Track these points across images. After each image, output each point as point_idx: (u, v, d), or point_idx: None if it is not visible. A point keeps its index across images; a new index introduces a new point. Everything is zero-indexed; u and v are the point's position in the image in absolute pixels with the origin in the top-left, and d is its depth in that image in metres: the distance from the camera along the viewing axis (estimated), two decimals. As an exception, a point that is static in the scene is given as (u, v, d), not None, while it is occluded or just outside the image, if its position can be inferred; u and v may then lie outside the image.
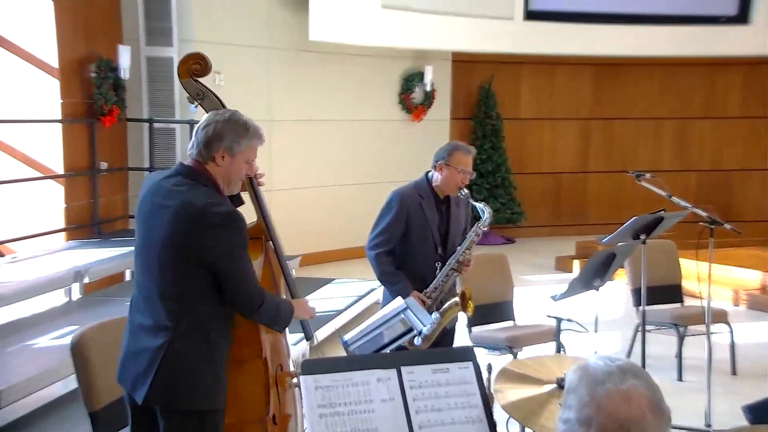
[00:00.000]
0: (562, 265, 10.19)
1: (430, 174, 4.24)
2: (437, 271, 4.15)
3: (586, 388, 1.63)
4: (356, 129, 10.70)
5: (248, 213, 2.99)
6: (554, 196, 12.83)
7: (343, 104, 10.54)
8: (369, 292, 7.67)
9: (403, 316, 2.82)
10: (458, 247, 4.16)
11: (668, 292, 6.26)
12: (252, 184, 3.17)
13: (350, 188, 10.63)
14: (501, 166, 11.99)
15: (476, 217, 4.21)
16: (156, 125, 8.59)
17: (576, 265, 9.85)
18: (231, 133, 2.86)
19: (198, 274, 2.76)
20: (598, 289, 4.71)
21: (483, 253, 6.03)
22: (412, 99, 11.21)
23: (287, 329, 3.23)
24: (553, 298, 4.60)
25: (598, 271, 4.66)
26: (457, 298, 3.87)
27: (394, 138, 11.10)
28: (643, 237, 5.05)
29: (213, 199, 2.79)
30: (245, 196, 3.15)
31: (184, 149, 8.43)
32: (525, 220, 12.17)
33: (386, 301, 4.18)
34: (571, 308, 5.47)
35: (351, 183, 10.65)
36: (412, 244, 4.17)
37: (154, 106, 8.73)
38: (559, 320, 4.14)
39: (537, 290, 8.62)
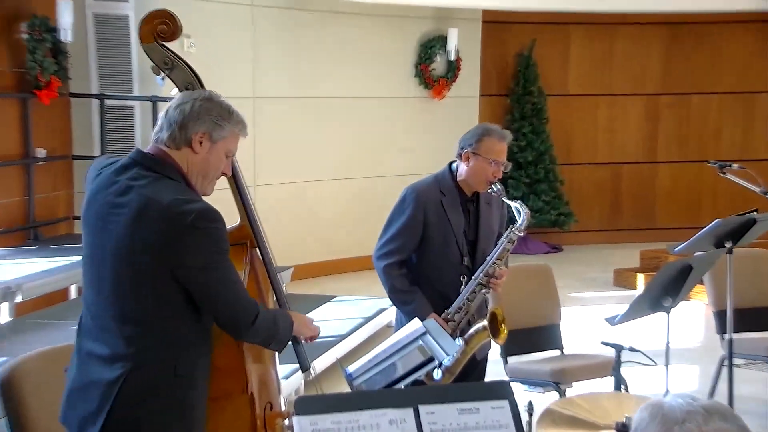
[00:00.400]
0: (623, 279, 10.19)
1: (454, 165, 4.26)
2: (463, 286, 4.17)
3: (659, 427, 1.63)
4: (362, 109, 10.72)
5: (229, 213, 3.01)
6: (612, 193, 12.82)
7: (346, 77, 10.56)
8: (378, 313, 7.70)
9: (421, 342, 2.85)
10: (488, 257, 4.18)
11: (763, 315, 6.23)
12: (235, 179, 3.20)
13: (354, 183, 10.66)
14: (544, 155, 11.99)
15: (511, 219, 4.23)
16: (108, 102, 8.63)
17: (640, 280, 9.85)
18: (212, 114, 2.90)
19: (166, 289, 2.79)
20: (669, 311, 4.71)
21: (522, 265, 6.04)
22: (432, 71, 11.23)
23: (277, 358, 3.25)
24: (611, 321, 4.60)
25: (670, 288, 4.66)
26: (485, 322, 3.89)
27: (409, 120, 11.12)
28: (728, 245, 5.05)
29: (182, 195, 2.82)
30: (226, 192, 3.17)
31: (146, 133, 8.48)
32: (575, 223, 12.17)
33: (400, 324, 4.21)
34: (634, 334, 5.47)
35: (355, 176, 10.68)
36: (432, 252, 4.20)
37: (106, 78, 8.77)
38: (618, 349, 4.15)
39: (590, 311, 8.62)
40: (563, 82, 12.53)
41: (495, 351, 4.76)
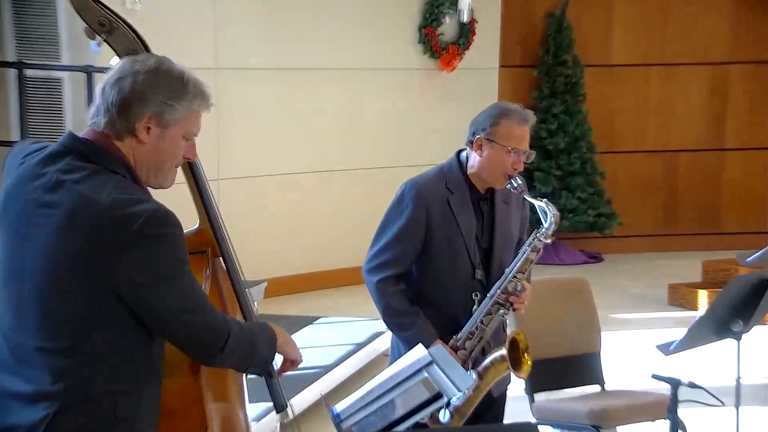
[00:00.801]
0: (680, 297, 10.21)
1: (463, 155, 4.27)
2: (475, 306, 4.18)
3: None
4: (352, 83, 10.73)
5: (185, 214, 3.01)
6: (667, 189, 12.84)
7: (332, 44, 10.56)
8: (372, 338, 7.74)
9: (426, 374, 2.85)
10: (506, 269, 4.19)
11: None
12: (193, 170, 3.20)
13: (343, 176, 10.67)
14: (580, 142, 12.02)
15: (536, 222, 4.24)
16: (30, 73, 8.58)
17: (702, 297, 9.87)
18: (161, 90, 2.85)
19: (106, 312, 2.77)
20: (739, 338, 4.71)
21: (552, 278, 6.06)
22: (441, 36, 11.24)
23: (247, 395, 3.25)
24: (665, 349, 4.60)
25: (740, 309, 4.66)
26: (503, 350, 3.90)
27: (411, 97, 11.13)
28: (815, 255, 5.07)
29: (127, 193, 2.79)
30: (182, 188, 3.18)
31: (78, 111, 8.47)
32: (619, 227, 12.19)
33: (396, 353, 4.22)
34: (694, 367, 5.49)
35: (344, 168, 10.69)
36: (436, 264, 4.21)
37: (26, 43, 8.73)
38: (675, 384, 4.15)
39: (639, 337, 8.64)
40: (605, 49, 12.54)
41: (517, 386, 4.76)
